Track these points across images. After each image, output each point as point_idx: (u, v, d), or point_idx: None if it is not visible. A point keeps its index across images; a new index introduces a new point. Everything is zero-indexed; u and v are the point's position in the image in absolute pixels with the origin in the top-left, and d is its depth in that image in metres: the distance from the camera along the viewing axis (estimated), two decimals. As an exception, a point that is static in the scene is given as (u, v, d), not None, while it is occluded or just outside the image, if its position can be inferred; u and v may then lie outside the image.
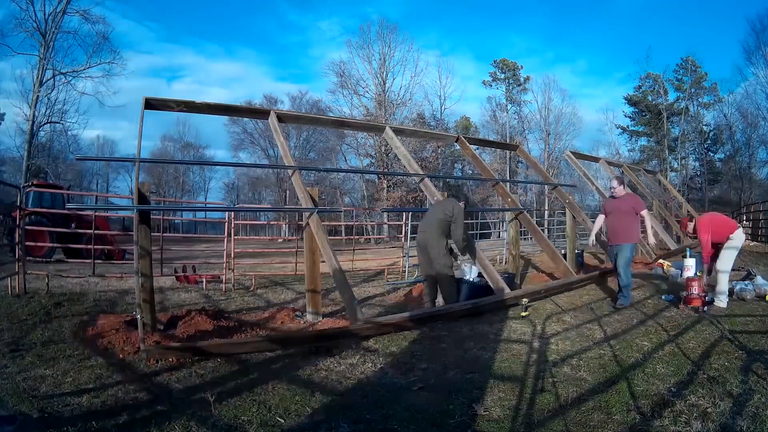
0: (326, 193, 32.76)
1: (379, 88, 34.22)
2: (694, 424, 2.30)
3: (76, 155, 28.46)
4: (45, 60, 23.02)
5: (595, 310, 5.16)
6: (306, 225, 4.91)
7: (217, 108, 5.87)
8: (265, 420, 2.43)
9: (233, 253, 7.73)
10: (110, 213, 15.02)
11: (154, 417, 2.42)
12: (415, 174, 6.65)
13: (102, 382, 2.96)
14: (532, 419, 2.45)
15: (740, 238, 5.26)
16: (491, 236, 22.56)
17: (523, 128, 39.21)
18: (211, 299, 6.16)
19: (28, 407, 2.52)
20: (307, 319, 4.76)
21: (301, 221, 6.62)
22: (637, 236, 5.80)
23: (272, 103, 36.94)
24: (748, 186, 30.78)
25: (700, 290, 4.96)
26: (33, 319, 4.64)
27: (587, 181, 11.21)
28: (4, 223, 7.88)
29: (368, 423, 2.41)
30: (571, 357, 3.50)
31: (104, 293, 6.15)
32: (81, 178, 37.59)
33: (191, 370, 3.19)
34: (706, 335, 3.98)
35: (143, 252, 4.12)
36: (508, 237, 8.38)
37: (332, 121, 7.92)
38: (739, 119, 31.92)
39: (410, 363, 3.44)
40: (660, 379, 2.95)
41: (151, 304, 4.18)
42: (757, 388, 2.71)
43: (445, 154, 37.49)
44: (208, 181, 45.75)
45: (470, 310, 5.02)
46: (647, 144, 37.90)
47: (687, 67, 34.91)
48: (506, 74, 39.46)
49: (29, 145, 23.21)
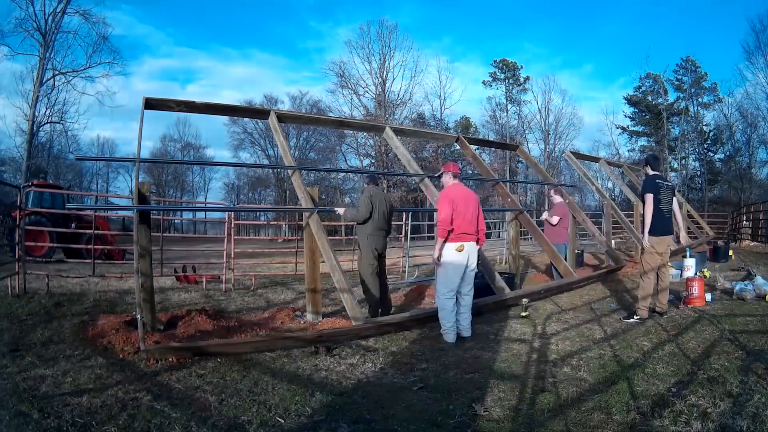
0: (326, 193, 32.77)
1: (379, 88, 34.24)
2: (694, 424, 2.30)
3: (76, 155, 28.56)
4: (45, 60, 23.05)
5: (595, 310, 5.16)
6: (306, 225, 4.90)
7: (216, 108, 5.86)
8: (265, 420, 2.43)
9: (233, 253, 7.73)
10: (110, 213, 15.04)
11: (154, 417, 2.42)
12: (415, 174, 6.64)
13: (102, 382, 2.96)
14: (532, 419, 2.45)
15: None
16: (491, 236, 22.57)
17: (523, 128, 39.23)
18: (212, 299, 6.16)
19: (28, 407, 2.52)
20: (307, 319, 4.76)
21: (301, 221, 6.61)
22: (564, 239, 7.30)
23: (272, 103, 36.96)
24: (748, 186, 30.76)
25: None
26: (33, 319, 4.64)
27: (587, 181, 11.20)
28: (4, 223, 7.86)
29: (368, 423, 2.41)
30: (571, 357, 3.50)
31: (104, 293, 6.15)
32: (81, 178, 37.61)
33: (191, 370, 3.19)
34: (706, 335, 3.98)
35: (143, 252, 4.11)
36: (508, 237, 8.38)
37: (332, 121, 7.92)
38: (739, 119, 31.95)
39: (410, 363, 3.45)
40: (660, 379, 2.95)
41: (151, 304, 4.19)
42: (757, 388, 2.71)
43: (445, 154, 37.50)
44: (208, 181, 45.79)
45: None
46: (647, 144, 37.91)
47: (687, 67, 34.95)
48: (506, 74, 39.48)
49: (29, 145, 23.24)
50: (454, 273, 4.07)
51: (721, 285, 5.99)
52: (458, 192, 4.21)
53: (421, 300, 6.26)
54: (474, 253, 4.18)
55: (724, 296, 5.67)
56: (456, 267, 4.07)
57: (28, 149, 23.12)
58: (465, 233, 4.08)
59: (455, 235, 4.05)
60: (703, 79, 34.83)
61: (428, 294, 6.42)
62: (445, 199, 4.12)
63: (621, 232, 14.65)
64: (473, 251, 4.17)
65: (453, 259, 4.06)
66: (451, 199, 4.08)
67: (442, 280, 4.15)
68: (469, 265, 4.13)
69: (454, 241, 4.05)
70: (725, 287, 5.88)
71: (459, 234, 4.05)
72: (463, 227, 4.07)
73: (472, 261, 4.17)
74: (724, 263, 9.48)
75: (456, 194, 4.16)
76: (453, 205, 4.04)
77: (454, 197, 4.11)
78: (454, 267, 4.07)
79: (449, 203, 4.05)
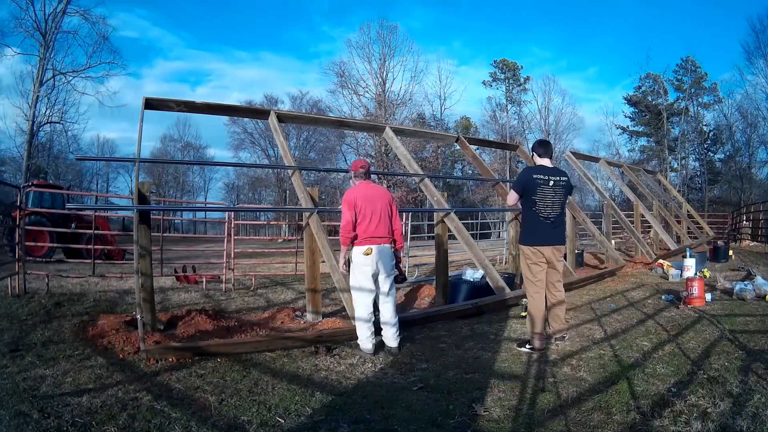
0: (326, 193, 32.76)
1: (379, 88, 34.24)
2: (694, 424, 2.30)
3: (76, 155, 28.53)
4: (45, 60, 23.04)
5: (595, 310, 5.16)
6: (306, 225, 4.91)
7: (217, 108, 5.87)
8: (265, 420, 2.43)
9: (233, 253, 7.73)
10: (110, 213, 15.04)
11: (154, 417, 2.42)
12: (415, 174, 6.65)
13: (102, 382, 2.96)
14: (532, 419, 2.45)
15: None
16: (491, 236, 22.59)
17: (523, 128, 39.24)
18: (212, 299, 6.16)
19: (28, 407, 2.52)
20: (307, 319, 4.76)
21: (301, 221, 6.61)
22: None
23: (272, 103, 36.95)
24: (748, 186, 30.77)
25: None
26: (33, 319, 4.64)
27: (587, 181, 11.21)
28: (4, 223, 7.86)
29: (368, 423, 2.41)
30: (571, 357, 3.50)
31: (104, 293, 6.15)
32: (81, 178, 37.62)
33: (191, 370, 3.19)
34: (706, 335, 3.98)
35: (143, 252, 4.12)
36: (508, 237, 8.38)
37: (332, 121, 7.92)
38: (739, 119, 31.95)
39: (410, 363, 3.45)
40: (660, 379, 2.95)
41: (151, 304, 4.19)
42: (757, 388, 2.71)
43: (445, 154, 37.54)
44: (208, 181, 45.82)
45: (470, 310, 5.02)
46: (647, 144, 37.94)
47: (687, 67, 34.95)
48: (506, 74, 39.48)
49: (29, 145, 23.24)
50: (364, 279, 3.71)
51: (721, 285, 5.99)
52: (363, 192, 3.80)
53: (421, 300, 6.26)
54: (387, 256, 3.80)
55: (724, 296, 5.67)
56: (365, 273, 3.70)
57: (28, 149, 23.12)
58: (373, 237, 3.72)
59: (361, 239, 3.71)
60: (703, 79, 34.86)
61: (428, 294, 6.42)
62: (345, 203, 3.74)
63: (621, 232, 14.66)
64: (386, 254, 3.78)
65: (362, 264, 3.71)
66: (352, 202, 3.71)
67: (354, 288, 3.78)
68: (381, 270, 3.75)
69: (361, 245, 3.71)
70: (725, 287, 5.88)
71: (365, 238, 3.71)
72: (369, 230, 3.71)
73: (386, 265, 3.79)
74: (724, 263, 9.50)
75: (359, 195, 3.77)
76: (355, 208, 3.70)
77: (356, 199, 3.73)
78: (363, 273, 3.71)
79: (350, 207, 3.70)
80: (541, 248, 3.80)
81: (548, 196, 3.77)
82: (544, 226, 3.80)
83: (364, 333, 3.70)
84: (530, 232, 3.85)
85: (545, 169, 3.87)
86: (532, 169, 3.92)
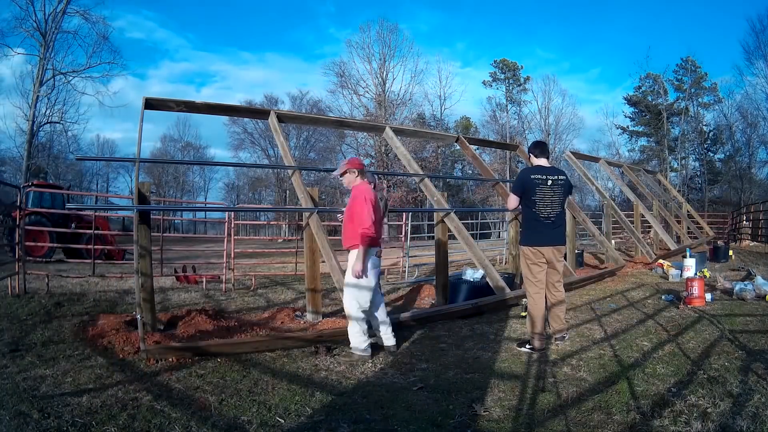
0: (326, 193, 32.76)
1: (379, 88, 34.22)
2: (694, 424, 2.30)
3: (76, 155, 28.54)
4: (45, 60, 23.02)
5: (595, 310, 5.16)
6: (306, 225, 4.91)
7: (216, 108, 5.87)
8: (265, 420, 2.43)
9: (233, 253, 7.73)
10: (110, 213, 15.04)
11: (154, 417, 2.42)
12: (415, 174, 6.65)
13: (102, 382, 2.96)
14: (532, 419, 2.45)
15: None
16: (491, 236, 22.60)
17: (523, 128, 39.23)
18: (212, 299, 6.16)
19: (28, 407, 2.52)
20: (307, 319, 4.76)
21: (301, 221, 6.61)
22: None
23: (272, 103, 36.94)
24: (748, 186, 30.77)
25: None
26: (33, 319, 4.64)
27: (587, 181, 11.22)
28: (4, 223, 7.87)
29: (368, 423, 2.41)
30: (571, 357, 3.50)
31: (104, 293, 6.15)
32: (81, 178, 37.64)
33: (191, 370, 3.19)
34: (706, 335, 3.98)
35: (143, 252, 4.12)
36: (508, 237, 8.38)
37: (332, 121, 7.92)
38: (739, 119, 31.96)
39: (410, 363, 3.45)
40: (660, 379, 2.95)
41: (151, 304, 4.19)
42: (757, 388, 2.71)
43: (445, 154, 37.52)
44: (208, 181, 45.84)
45: (470, 310, 5.02)
46: (647, 144, 37.93)
47: (687, 67, 34.93)
48: (506, 74, 39.47)
49: (29, 145, 23.22)
50: (374, 281, 3.63)
51: (721, 285, 5.99)
52: (372, 194, 3.65)
53: (421, 300, 6.26)
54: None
55: (724, 296, 5.68)
56: (376, 275, 3.67)
57: (28, 149, 23.10)
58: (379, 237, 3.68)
59: (375, 241, 3.57)
60: (703, 79, 34.86)
61: (428, 294, 6.42)
62: (365, 201, 3.52)
63: (621, 232, 14.66)
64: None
65: (374, 267, 3.63)
66: (372, 200, 3.57)
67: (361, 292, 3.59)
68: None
69: (375, 246, 3.61)
70: (725, 287, 5.89)
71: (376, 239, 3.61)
72: (378, 231, 3.63)
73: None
74: (724, 263, 9.50)
75: (372, 195, 3.62)
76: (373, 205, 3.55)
77: (372, 198, 3.58)
78: (374, 275, 3.64)
79: (371, 204, 3.53)
80: (542, 249, 3.80)
81: (547, 196, 3.77)
82: (545, 226, 3.79)
83: (362, 338, 3.61)
84: (530, 232, 3.85)
85: (543, 168, 3.88)
86: (530, 169, 3.92)
